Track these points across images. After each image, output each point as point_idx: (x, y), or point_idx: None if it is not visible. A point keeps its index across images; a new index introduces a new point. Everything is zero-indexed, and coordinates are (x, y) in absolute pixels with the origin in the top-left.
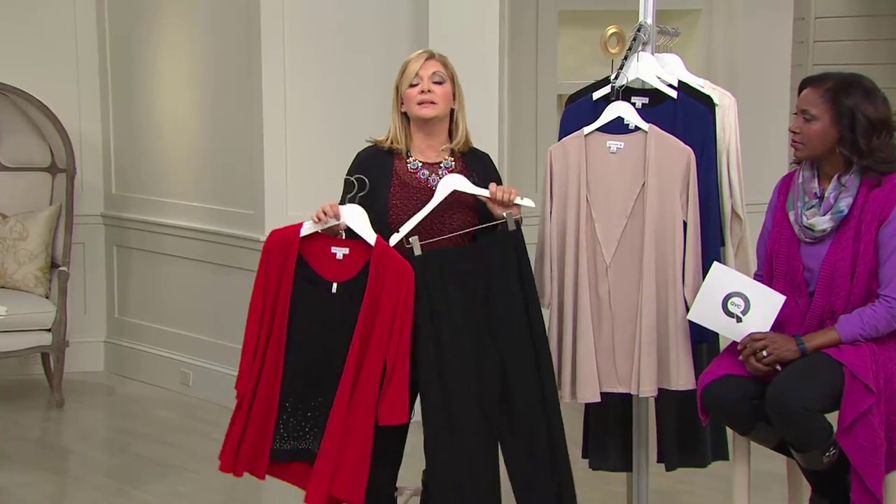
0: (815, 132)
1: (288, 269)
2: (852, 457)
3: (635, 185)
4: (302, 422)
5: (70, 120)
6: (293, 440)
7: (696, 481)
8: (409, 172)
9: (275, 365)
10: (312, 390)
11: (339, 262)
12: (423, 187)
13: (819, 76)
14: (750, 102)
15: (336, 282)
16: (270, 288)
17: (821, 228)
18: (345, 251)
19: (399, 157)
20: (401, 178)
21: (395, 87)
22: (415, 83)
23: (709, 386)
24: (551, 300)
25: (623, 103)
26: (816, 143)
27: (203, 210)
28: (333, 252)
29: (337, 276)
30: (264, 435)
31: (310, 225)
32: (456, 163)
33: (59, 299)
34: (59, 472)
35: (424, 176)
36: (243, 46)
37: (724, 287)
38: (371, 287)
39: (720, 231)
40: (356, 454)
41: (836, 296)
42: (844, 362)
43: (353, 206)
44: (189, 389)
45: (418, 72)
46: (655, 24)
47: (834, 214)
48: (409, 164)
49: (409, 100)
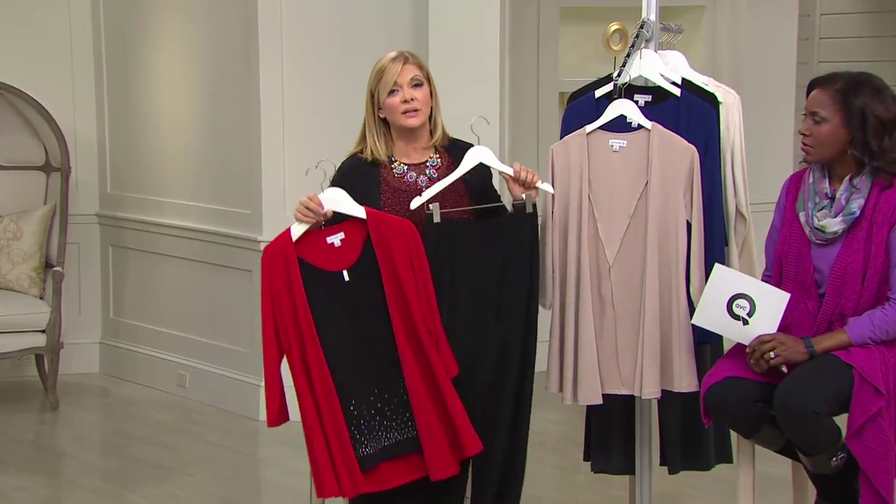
0: (825, 134)
1: (295, 280)
2: (862, 461)
3: (638, 185)
4: (373, 420)
5: (65, 118)
6: (374, 441)
7: (699, 485)
8: (397, 178)
9: (322, 377)
10: (369, 384)
11: (338, 249)
12: (414, 190)
13: (827, 77)
14: (754, 100)
15: (344, 269)
16: (283, 307)
17: (832, 230)
18: (340, 236)
19: (383, 165)
20: (390, 185)
21: (369, 92)
22: (394, 90)
23: (713, 388)
24: (553, 300)
25: (626, 101)
26: (827, 146)
27: (200, 209)
28: (330, 242)
29: (342, 263)
30: (346, 449)
31: (298, 227)
32: (441, 158)
33: (54, 300)
34: (53, 475)
35: (413, 178)
36: (241, 44)
37: (728, 289)
38: (382, 256)
39: (724, 231)
40: (458, 409)
41: (846, 298)
42: (854, 364)
43: (332, 190)
44: (185, 391)
45: (396, 79)
46: (658, 20)
47: (846, 216)
48: (394, 170)
49: (391, 109)
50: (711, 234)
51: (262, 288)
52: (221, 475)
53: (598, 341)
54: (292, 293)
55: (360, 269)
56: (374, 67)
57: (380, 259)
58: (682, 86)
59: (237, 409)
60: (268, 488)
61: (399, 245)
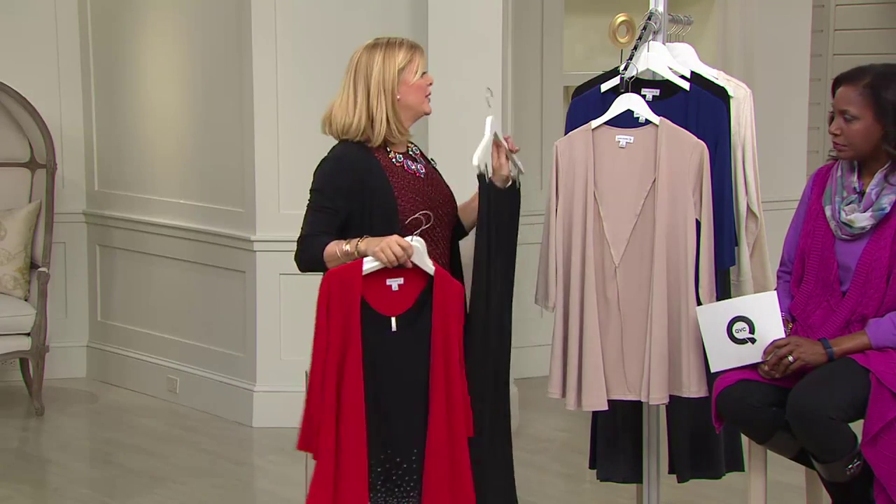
0: (857, 132)
1: (354, 313)
2: (877, 469)
3: (645, 182)
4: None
5: (50, 113)
6: (394, 498)
7: (709, 494)
8: (396, 166)
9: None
10: (382, 443)
11: (394, 293)
12: (416, 177)
13: (853, 72)
14: (767, 94)
15: (393, 316)
16: (334, 335)
17: (860, 225)
18: (399, 281)
19: (378, 152)
20: (395, 173)
21: (391, 75)
22: (424, 73)
23: (725, 391)
24: (556, 302)
25: (633, 95)
26: (860, 144)
27: (191, 208)
28: (389, 284)
29: (393, 309)
30: (362, 497)
31: (372, 263)
32: (415, 147)
33: (39, 302)
34: (38, 484)
35: (411, 167)
36: (233, 37)
37: (719, 321)
38: (438, 313)
39: (734, 230)
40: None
41: (869, 297)
42: (871, 368)
43: (418, 240)
44: (176, 397)
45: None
46: (667, 12)
47: (875, 212)
48: (393, 159)
49: (418, 91)
50: (721, 233)
51: (319, 309)
52: (213, 484)
53: (603, 345)
54: (349, 326)
55: (407, 320)
56: (390, 48)
57: (436, 316)
58: (691, 79)
59: (230, 416)
60: (261, 498)
61: (455, 307)
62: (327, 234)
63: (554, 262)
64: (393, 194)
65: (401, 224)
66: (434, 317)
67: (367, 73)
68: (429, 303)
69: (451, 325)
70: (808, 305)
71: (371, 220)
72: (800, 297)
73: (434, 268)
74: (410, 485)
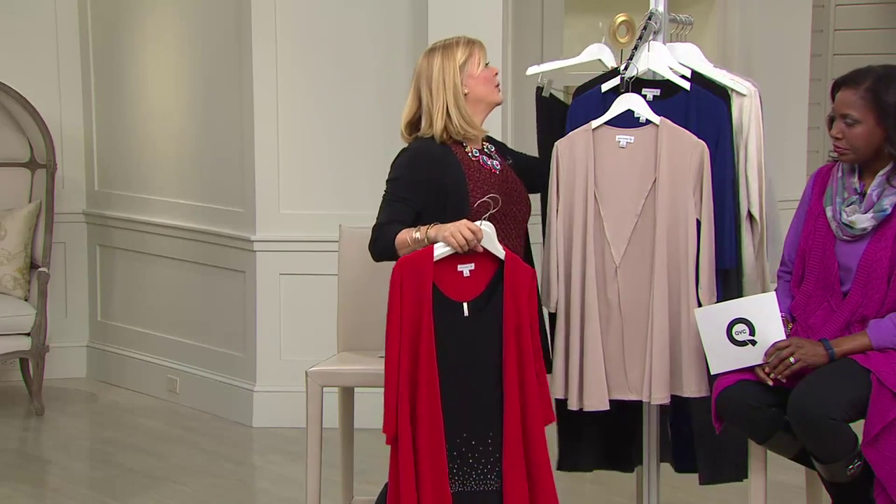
0: (859, 136)
1: (426, 299)
2: (878, 470)
3: (646, 182)
4: (453, 464)
5: (50, 112)
6: (472, 481)
7: (709, 494)
8: (473, 162)
9: (431, 404)
10: (459, 426)
11: (465, 279)
12: (492, 174)
13: (852, 75)
14: (767, 94)
15: (465, 301)
16: (407, 322)
17: (861, 226)
18: (470, 267)
19: (457, 148)
20: (471, 166)
21: (452, 72)
22: (488, 63)
23: (725, 391)
24: (557, 302)
25: (633, 95)
26: (862, 147)
27: (191, 208)
28: (460, 270)
29: (465, 295)
30: (441, 479)
31: (442, 248)
32: (493, 144)
33: (39, 302)
34: (38, 484)
35: (488, 163)
36: (233, 36)
37: (719, 324)
38: (510, 298)
39: (735, 231)
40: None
41: (870, 298)
42: (872, 369)
43: (487, 224)
44: (176, 397)
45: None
46: (667, 11)
47: (876, 213)
48: (470, 154)
49: (487, 81)
50: (722, 233)
51: (392, 297)
52: (214, 484)
53: (604, 345)
54: (421, 312)
55: (479, 305)
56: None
57: (507, 300)
58: (691, 79)
59: (230, 416)
60: (261, 497)
61: (526, 290)
62: (400, 224)
63: (555, 262)
64: (467, 186)
65: (470, 210)
66: (505, 301)
67: (428, 75)
68: (500, 287)
69: (522, 309)
70: (809, 306)
71: (445, 213)
72: (800, 298)
73: (504, 252)
74: (487, 467)
